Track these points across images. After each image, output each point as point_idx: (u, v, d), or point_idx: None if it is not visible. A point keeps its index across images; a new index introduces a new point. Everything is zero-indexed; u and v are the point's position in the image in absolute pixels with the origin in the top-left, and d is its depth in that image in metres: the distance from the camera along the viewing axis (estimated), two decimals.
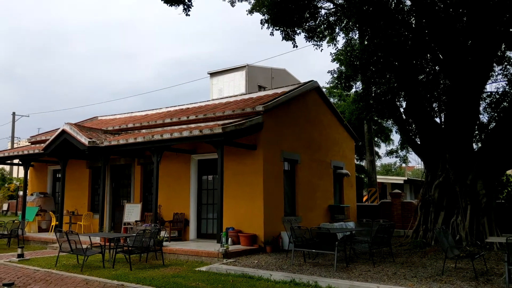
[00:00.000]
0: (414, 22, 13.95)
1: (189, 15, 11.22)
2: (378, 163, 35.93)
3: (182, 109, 18.07)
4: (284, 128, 14.36)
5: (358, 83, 14.86)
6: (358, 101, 14.31)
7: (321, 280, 8.59)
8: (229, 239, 12.08)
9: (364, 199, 25.57)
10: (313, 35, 13.03)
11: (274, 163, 13.55)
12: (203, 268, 10.12)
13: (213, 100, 18.64)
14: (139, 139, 13.38)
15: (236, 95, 18.22)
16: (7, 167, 53.21)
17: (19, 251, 12.02)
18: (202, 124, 14.00)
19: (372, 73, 13.34)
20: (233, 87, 22.32)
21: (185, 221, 14.43)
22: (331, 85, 18.36)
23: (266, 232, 12.65)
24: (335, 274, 9.28)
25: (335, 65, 13.72)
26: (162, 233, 12.68)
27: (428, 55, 14.14)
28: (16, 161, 19.54)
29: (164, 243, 12.15)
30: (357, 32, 14.25)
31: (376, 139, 26.39)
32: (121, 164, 16.92)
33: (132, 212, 15.44)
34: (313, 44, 13.40)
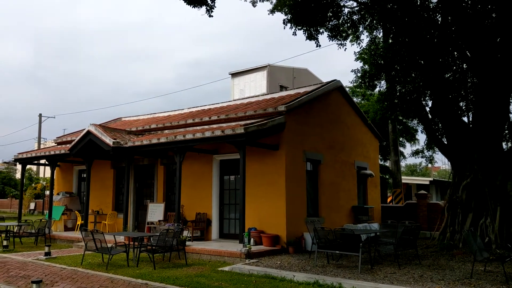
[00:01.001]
0: (440, 19, 13.63)
1: (212, 16, 11.25)
2: (402, 163, 35.33)
3: (204, 109, 18.14)
4: (307, 128, 14.24)
5: (382, 82, 14.63)
6: (382, 101, 14.07)
7: (345, 282, 8.47)
8: (252, 239, 12.04)
9: (389, 200, 25.17)
10: (337, 34, 12.86)
11: (297, 163, 13.44)
12: (226, 268, 10.11)
13: (235, 100, 18.65)
14: (162, 140, 13.48)
15: (258, 95, 18.18)
16: (34, 167, 54.61)
17: (46, 249, 12.26)
18: (224, 125, 14.01)
19: (397, 71, 13.09)
20: (255, 88, 22.31)
21: (208, 221, 14.46)
22: (355, 84, 18.11)
23: (288, 232, 12.55)
24: (359, 276, 9.14)
25: (359, 64, 13.58)
26: (185, 233, 12.75)
27: (455, 52, 13.79)
28: (43, 161, 20.00)
29: (187, 243, 12.19)
30: (381, 30, 14.01)
31: (401, 139, 25.95)
32: (145, 164, 17.10)
33: (155, 212, 15.57)
34: (336, 43, 13.25)
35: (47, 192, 37.91)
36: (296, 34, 12.37)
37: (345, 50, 17.30)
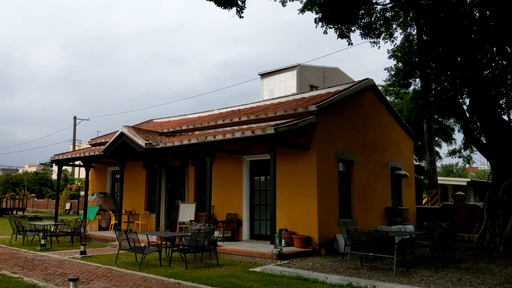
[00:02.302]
0: (477, 14, 13.13)
1: (242, 17, 11.21)
2: (438, 163, 34.31)
3: (234, 110, 18.17)
4: (339, 128, 14.01)
5: (417, 80, 14.22)
6: (417, 99, 13.66)
7: (379, 285, 8.28)
8: (283, 240, 11.93)
9: (424, 201, 24.51)
10: (369, 32, 12.56)
11: (328, 164, 13.25)
12: (257, 269, 10.06)
13: (264, 101, 18.59)
14: (193, 141, 13.57)
15: (288, 95, 18.05)
16: (69, 169, 56.27)
17: (82, 248, 12.55)
18: (254, 125, 13.97)
19: (432, 69, 12.67)
20: (284, 88, 22.18)
21: (238, 222, 14.45)
22: (388, 83, 17.71)
23: (320, 234, 12.38)
24: (394, 278, 8.92)
25: (392, 62, 13.27)
26: (216, 233, 12.77)
27: (494, 49, 13.24)
28: (77, 162, 20.51)
29: (218, 243, 12.21)
30: (415, 27, 13.62)
31: (436, 138, 25.21)
32: (176, 165, 17.28)
33: (186, 212, 15.70)
34: (369, 41, 12.93)
35: (82, 193, 38.95)
36: (327, 33, 12.16)
37: (378, 48, 16.95)
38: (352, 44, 12.48)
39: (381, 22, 13.14)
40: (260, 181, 14.57)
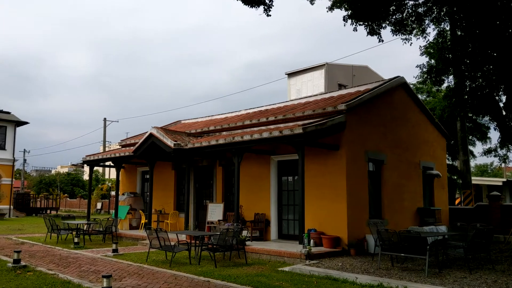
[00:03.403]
0: None
1: (270, 15, 11.10)
2: (472, 163, 33.35)
3: (261, 110, 18.18)
4: (369, 127, 13.81)
5: (450, 77, 13.81)
6: (450, 97, 13.27)
7: (411, 285, 8.15)
8: (311, 240, 11.84)
9: (457, 201, 23.88)
10: (400, 28, 12.21)
11: (358, 163, 13.07)
12: (286, 269, 10.03)
13: (292, 100, 18.51)
14: (221, 141, 13.65)
15: (316, 95, 17.91)
16: (100, 169, 57.57)
17: (114, 246, 12.82)
18: (281, 125, 13.94)
19: (467, 66, 12.28)
20: (312, 87, 22.00)
21: (266, 222, 14.44)
22: (419, 80, 17.24)
23: (350, 234, 12.23)
24: (426, 280, 8.73)
25: (425, 59, 12.91)
26: (244, 233, 12.80)
27: None
28: (108, 163, 20.95)
29: (246, 243, 12.24)
30: (449, 22, 13.22)
31: (470, 137, 24.50)
32: (204, 165, 17.43)
33: (214, 212, 15.81)
34: (400, 38, 12.60)
35: (113, 193, 39.83)
36: (356, 30, 11.92)
37: (410, 44, 16.27)
38: (382, 41, 12.17)
39: (413, 18, 12.80)
40: (288, 181, 14.51)
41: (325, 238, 12.12)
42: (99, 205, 45.13)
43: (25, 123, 35.75)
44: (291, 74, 23.75)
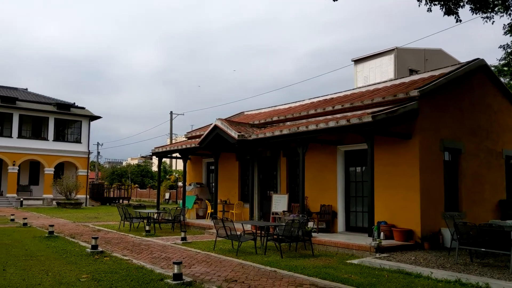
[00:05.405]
0: None
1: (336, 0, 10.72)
2: None
3: (326, 99, 17.78)
4: (444, 114, 12.99)
5: None
6: None
7: (493, 283, 7.58)
8: (381, 233, 11.43)
9: None
10: (481, 6, 11.20)
11: (432, 152, 12.37)
12: (355, 261, 9.74)
13: (359, 88, 17.90)
14: (285, 132, 13.51)
15: (385, 81, 17.15)
16: (167, 161, 59.87)
17: (182, 234, 13.20)
18: (348, 114, 13.51)
19: None
20: (380, 73, 21.15)
21: (333, 213, 14.14)
22: (503, 62, 15.80)
23: (423, 227, 11.62)
24: (510, 276, 8.05)
25: (509, 39, 11.75)
26: (310, 224, 12.62)
27: None
28: (175, 155, 21.64)
29: (313, 234, 12.05)
30: None
31: None
32: (268, 156, 17.41)
33: (279, 203, 15.75)
34: (481, 16, 11.58)
35: (180, 183, 41.23)
36: (431, 11, 11.08)
37: (492, 23, 14.68)
38: (460, 21, 11.21)
39: None
40: (356, 172, 14.08)
41: (396, 231, 11.63)
42: (167, 195, 47.01)
43: (98, 117, 37.92)
44: (357, 61, 22.97)
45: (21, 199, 31.56)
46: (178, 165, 60.88)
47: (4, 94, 35.00)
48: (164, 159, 34.89)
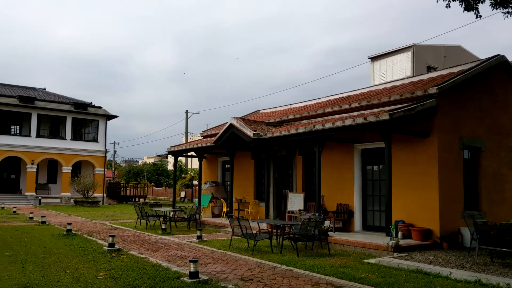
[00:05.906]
0: None
1: None
2: None
3: (343, 97, 17.61)
4: (463, 112, 12.75)
5: None
6: None
7: None
8: (399, 232, 11.26)
9: None
10: (502, 1, 10.93)
11: (451, 151, 12.15)
12: (372, 261, 9.62)
13: (376, 85, 17.66)
14: (301, 130, 13.42)
15: (403, 78, 16.89)
16: (183, 159, 60.18)
17: (198, 233, 13.22)
18: (365, 112, 13.36)
19: None
20: (398, 71, 20.88)
21: (349, 212, 14.00)
22: None
23: (442, 227, 11.42)
24: None
25: None
26: (326, 223, 12.52)
27: None
28: (190, 153, 21.72)
29: (329, 233, 11.96)
30: None
31: None
32: (283, 155, 17.32)
33: (295, 201, 15.67)
34: (501, 11, 11.28)
35: (195, 182, 41.39)
36: (450, 7, 10.80)
37: None
38: (480, 16, 10.93)
39: None
40: (373, 171, 13.92)
41: (414, 230, 11.45)
42: (182, 194, 47.23)
43: (115, 116, 38.31)
44: (374, 58, 22.72)
45: (40, 198, 32.10)
46: (194, 164, 61.20)
47: (23, 94, 35.61)
48: (179, 158, 35.13)
